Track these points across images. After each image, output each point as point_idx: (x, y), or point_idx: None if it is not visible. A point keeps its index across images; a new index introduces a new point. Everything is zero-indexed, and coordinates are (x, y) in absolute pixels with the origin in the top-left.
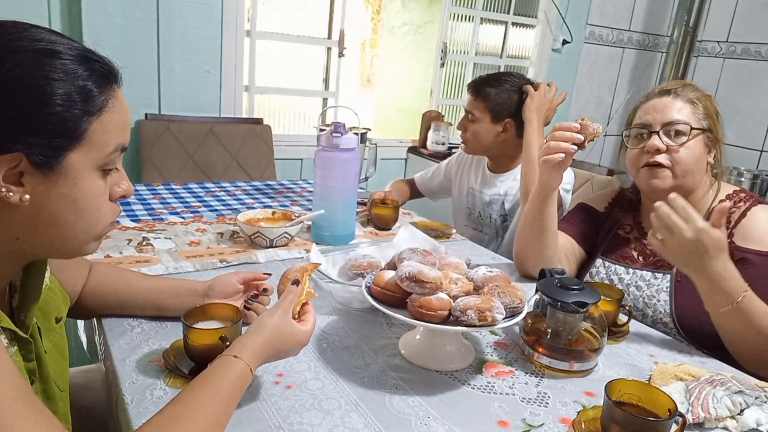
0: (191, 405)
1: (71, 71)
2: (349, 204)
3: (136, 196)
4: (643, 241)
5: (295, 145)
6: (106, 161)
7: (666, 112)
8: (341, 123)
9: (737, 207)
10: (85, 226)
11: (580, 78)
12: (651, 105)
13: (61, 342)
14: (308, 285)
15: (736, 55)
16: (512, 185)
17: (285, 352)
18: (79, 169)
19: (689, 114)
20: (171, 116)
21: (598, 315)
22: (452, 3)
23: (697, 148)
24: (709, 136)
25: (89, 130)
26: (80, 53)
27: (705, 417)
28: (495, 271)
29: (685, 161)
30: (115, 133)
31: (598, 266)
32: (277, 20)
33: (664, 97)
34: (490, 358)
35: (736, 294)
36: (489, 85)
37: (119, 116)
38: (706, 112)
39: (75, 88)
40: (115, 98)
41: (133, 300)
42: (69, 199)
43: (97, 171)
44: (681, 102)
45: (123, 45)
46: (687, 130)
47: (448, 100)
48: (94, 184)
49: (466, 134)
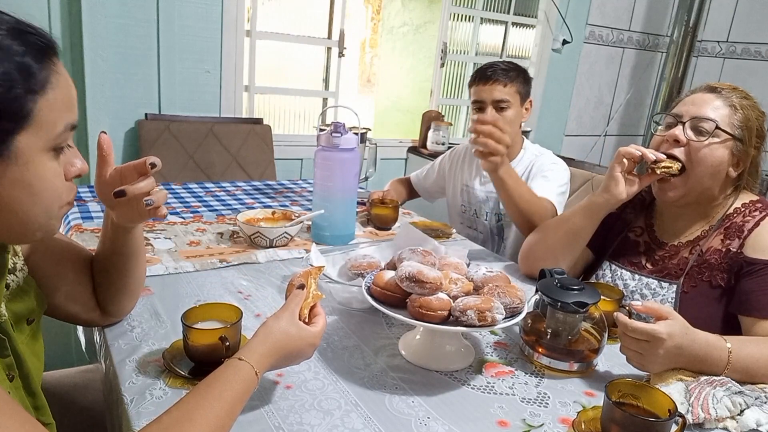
0: (194, 407)
1: (5, 47)
2: (349, 204)
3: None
4: (652, 246)
5: (295, 145)
6: (57, 141)
7: (701, 107)
8: (341, 123)
9: (752, 216)
10: (42, 209)
11: (580, 78)
12: (692, 98)
13: (35, 345)
14: (314, 288)
15: (736, 55)
16: None
17: (295, 355)
18: (29, 152)
19: (724, 116)
20: (171, 116)
21: (598, 315)
22: (452, 3)
23: (718, 153)
24: (738, 146)
25: (35, 109)
26: (12, 26)
27: (705, 417)
28: (495, 271)
29: (701, 162)
30: (63, 110)
31: (604, 268)
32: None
33: (708, 93)
34: (490, 358)
35: (723, 360)
36: (506, 68)
37: (64, 92)
38: (745, 123)
39: (13, 66)
40: (57, 73)
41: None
42: (23, 184)
43: (48, 152)
44: (721, 102)
45: (123, 45)
46: (711, 129)
47: (448, 100)
48: (47, 165)
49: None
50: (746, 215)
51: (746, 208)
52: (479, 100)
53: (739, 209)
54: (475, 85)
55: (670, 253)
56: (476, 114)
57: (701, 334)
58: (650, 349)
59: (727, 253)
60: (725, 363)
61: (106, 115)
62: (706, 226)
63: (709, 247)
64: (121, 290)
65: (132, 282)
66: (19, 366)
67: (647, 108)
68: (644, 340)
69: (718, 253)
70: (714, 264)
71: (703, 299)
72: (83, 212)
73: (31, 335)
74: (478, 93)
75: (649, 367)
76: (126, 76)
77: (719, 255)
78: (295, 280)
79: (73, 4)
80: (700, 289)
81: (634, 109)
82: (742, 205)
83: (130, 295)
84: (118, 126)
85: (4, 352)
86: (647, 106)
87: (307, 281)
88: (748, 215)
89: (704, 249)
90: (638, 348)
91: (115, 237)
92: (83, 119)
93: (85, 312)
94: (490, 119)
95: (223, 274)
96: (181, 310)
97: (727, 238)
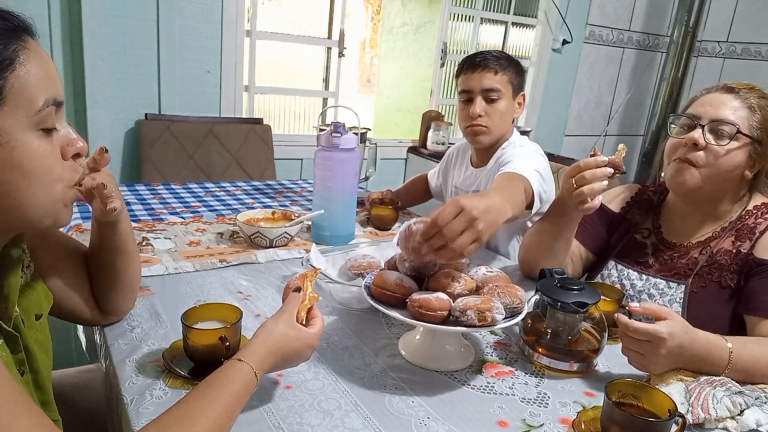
0: (194, 408)
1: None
2: (349, 204)
3: (136, 196)
4: (660, 248)
5: (295, 145)
6: (40, 119)
7: (720, 108)
8: (341, 123)
9: (764, 219)
10: (40, 190)
11: (580, 78)
12: (709, 98)
13: (44, 340)
14: (311, 290)
15: (736, 55)
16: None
17: (294, 357)
18: (12, 132)
19: (743, 118)
20: (171, 116)
21: (598, 315)
22: (452, 3)
23: (737, 156)
24: (756, 148)
25: (6, 87)
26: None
27: (705, 417)
28: (495, 271)
29: (719, 166)
30: (39, 85)
31: (610, 268)
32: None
33: (725, 93)
34: (490, 358)
35: (723, 359)
36: (498, 56)
37: (38, 66)
38: (763, 123)
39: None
40: (27, 49)
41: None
42: (12, 165)
43: (34, 131)
44: (739, 103)
45: (123, 45)
46: (732, 133)
47: (448, 100)
48: (34, 144)
49: (487, 118)
50: (758, 217)
51: (759, 210)
52: (467, 90)
53: (752, 211)
54: (463, 74)
55: (679, 253)
56: (463, 108)
57: (701, 333)
58: (652, 350)
59: (737, 254)
60: (726, 363)
61: (106, 115)
62: (718, 227)
63: (720, 248)
64: (114, 287)
65: (124, 279)
66: (29, 361)
67: (647, 108)
68: (645, 340)
69: (729, 254)
70: (724, 265)
71: (712, 300)
72: (83, 212)
73: (39, 330)
74: (466, 82)
75: (651, 367)
76: (126, 76)
77: (730, 256)
78: (292, 284)
79: (73, 4)
80: (710, 289)
81: (634, 109)
82: (755, 207)
83: (125, 292)
84: (118, 126)
85: (15, 348)
86: (647, 106)
87: (303, 284)
88: (760, 217)
89: (715, 250)
90: (639, 349)
91: (100, 232)
92: (83, 119)
93: (84, 309)
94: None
95: (223, 274)
96: (181, 310)
97: (739, 239)
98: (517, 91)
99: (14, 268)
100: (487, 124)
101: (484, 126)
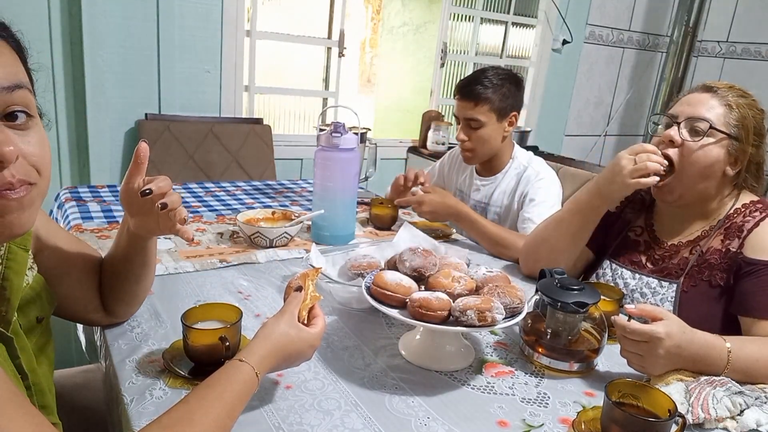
0: (195, 408)
1: None
2: (348, 204)
3: None
4: (652, 246)
5: (295, 145)
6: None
7: (697, 107)
8: (341, 123)
9: (752, 217)
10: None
11: (580, 78)
12: (687, 98)
13: (45, 343)
14: (312, 289)
15: (736, 55)
16: (496, 197)
17: (295, 357)
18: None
19: (719, 115)
20: (171, 116)
21: (598, 315)
22: (452, 3)
23: (712, 152)
24: (734, 144)
25: None
26: None
27: (705, 417)
28: (495, 271)
29: (695, 162)
30: None
31: (605, 267)
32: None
33: (704, 93)
34: (490, 358)
35: (722, 359)
36: (483, 84)
37: None
38: (742, 121)
39: None
40: None
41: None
42: None
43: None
44: (716, 101)
45: (123, 45)
46: (705, 128)
47: (448, 100)
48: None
49: (470, 143)
50: (746, 215)
51: (746, 208)
52: (455, 114)
53: (740, 209)
54: (454, 97)
55: (670, 252)
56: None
57: (699, 333)
58: (650, 350)
59: (726, 252)
60: (725, 363)
61: (106, 115)
62: (707, 226)
63: (710, 247)
64: (129, 294)
65: (139, 288)
66: (29, 365)
67: (647, 108)
68: (643, 341)
69: (718, 253)
70: (714, 264)
71: (702, 299)
72: (83, 212)
73: (41, 333)
74: (455, 106)
75: (650, 369)
76: (126, 76)
77: (719, 255)
78: (293, 283)
79: (73, 4)
80: (700, 288)
81: (634, 109)
82: (743, 206)
83: (137, 299)
84: (118, 126)
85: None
86: (647, 106)
87: (304, 283)
88: (748, 215)
89: (704, 249)
90: (638, 350)
91: (129, 246)
92: (83, 119)
93: (86, 312)
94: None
95: (223, 274)
96: (181, 310)
97: (727, 238)
98: (505, 114)
99: (17, 270)
100: (471, 147)
101: (469, 150)
